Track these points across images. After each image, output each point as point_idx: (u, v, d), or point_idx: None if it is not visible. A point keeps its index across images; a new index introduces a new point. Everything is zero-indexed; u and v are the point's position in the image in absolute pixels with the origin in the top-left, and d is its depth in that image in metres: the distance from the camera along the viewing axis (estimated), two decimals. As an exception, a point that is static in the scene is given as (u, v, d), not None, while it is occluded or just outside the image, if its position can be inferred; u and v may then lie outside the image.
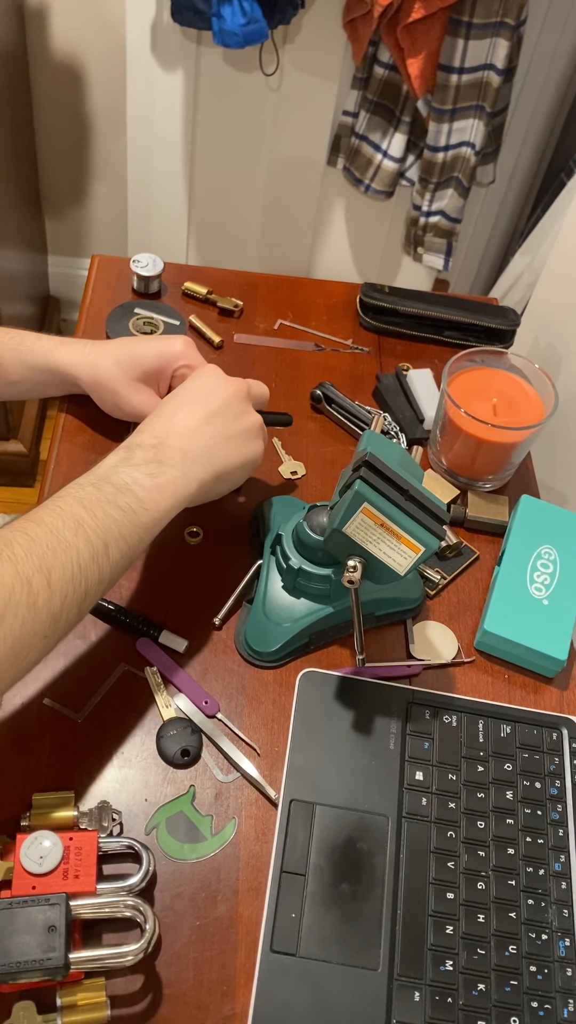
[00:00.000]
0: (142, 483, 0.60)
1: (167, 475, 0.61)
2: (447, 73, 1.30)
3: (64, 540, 0.54)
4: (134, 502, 0.59)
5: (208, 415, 0.66)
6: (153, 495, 0.60)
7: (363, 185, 1.49)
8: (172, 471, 0.62)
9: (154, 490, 0.60)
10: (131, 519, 0.58)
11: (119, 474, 0.60)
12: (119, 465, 0.61)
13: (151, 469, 0.61)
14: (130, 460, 0.61)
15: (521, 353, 0.85)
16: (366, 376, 0.92)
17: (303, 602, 0.69)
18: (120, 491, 0.59)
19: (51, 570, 0.53)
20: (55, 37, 1.56)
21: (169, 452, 0.62)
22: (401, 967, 0.56)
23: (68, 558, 0.54)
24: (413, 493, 0.61)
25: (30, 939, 0.50)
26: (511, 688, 0.71)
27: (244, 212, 1.63)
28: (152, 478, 0.60)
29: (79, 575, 0.54)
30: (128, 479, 0.60)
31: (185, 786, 0.62)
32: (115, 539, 0.57)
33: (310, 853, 0.59)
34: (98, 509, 0.57)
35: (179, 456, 0.63)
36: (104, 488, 0.58)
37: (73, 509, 0.56)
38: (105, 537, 0.56)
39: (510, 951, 0.57)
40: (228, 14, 1.19)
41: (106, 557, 0.56)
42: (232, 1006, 0.54)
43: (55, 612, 0.53)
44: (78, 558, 0.54)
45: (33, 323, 1.80)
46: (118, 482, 0.59)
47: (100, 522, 0.56)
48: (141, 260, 0.93)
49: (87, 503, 0.57)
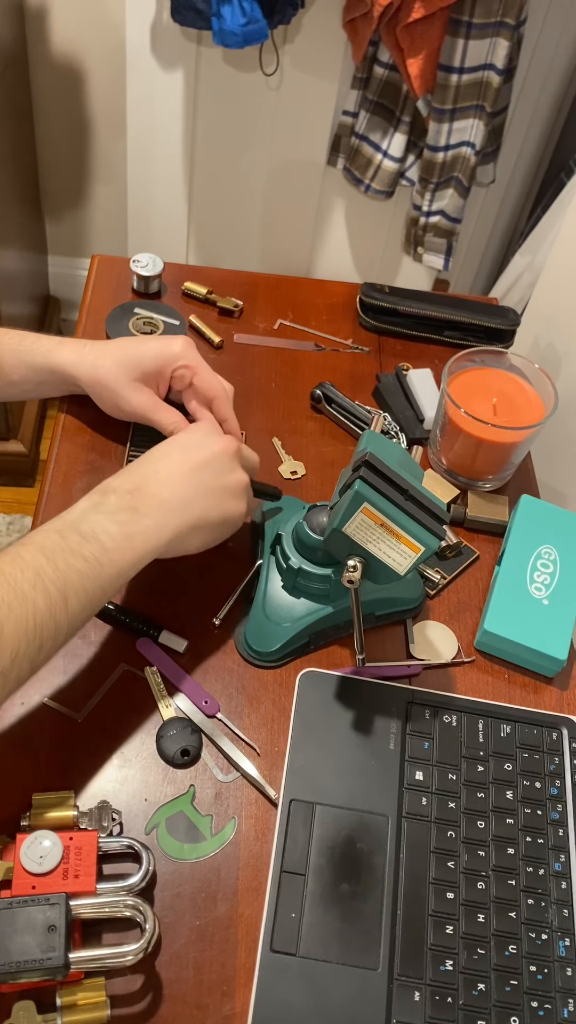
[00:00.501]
0: (110, 531, 0.58)
1: (138, 524, 0.60)
2: (447, 73, 1.30)
3: (21, 592, 0.52)
4: (99, 552, 0.57)
5: (193, 466, 0.65)
6: (120, 544, 0.58)
7: (363, 185, 1.49)
8: (144, 520, 0.60)
9: (122, 539, 0.58)
10: (95, 570, 0.56)
11: (88, 521, 0.58)
12: (89, 511, 0.59)
13: (122, 517, 0.59)
14: (102, 506, 0.60)
15: (521, 353, 0.85)
16: (366, 376, 0.92)
17: (303, 602, 0.69)
18: (86, 539, 0.57)
19: (3, 624, 0.51)
20: (55, 37, 1.56)
21: (144, 499, 0.61)
22: (401, 967, 0.56)
23: (24, 612, 0.52)
24: (413, 493, 0.61)
25: (30, 939, 0.50)
26: (511, 688, 0.71)
27: (244, 212, 1.63)
28: (121, 526, 0.59)
29: (34, 630, 0.52)
30: (96, 527, 0.58)
31: (185, 786, 0.62)
32: (75, 591, 0.55)
33: (310, 853, 0.59)
34: (60, 559, 0.55)
35: (154, 503, 0.61)
36: (70, 537, 0.56)
37: (34, 559, 0.54)
38: (64, 589, 0.54)
39: (510, 951, 0.57)
40: (228, 14, 1.19)
41: (64, 610, 0.54)
42: (232, 1006, 0.54)
43: (4, 668, 0.51)
44: (34, 612, 0.52)
45: (33, 323, 1.80)
46: (86, 530, 0.57)
47: (61, 573, 0.54)
48: (141, 260, 0.93)
49: (49, 552, 0.55)
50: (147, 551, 0.60)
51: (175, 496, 0.63)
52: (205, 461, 0.65)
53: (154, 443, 0.79)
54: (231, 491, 0.66)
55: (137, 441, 0.80)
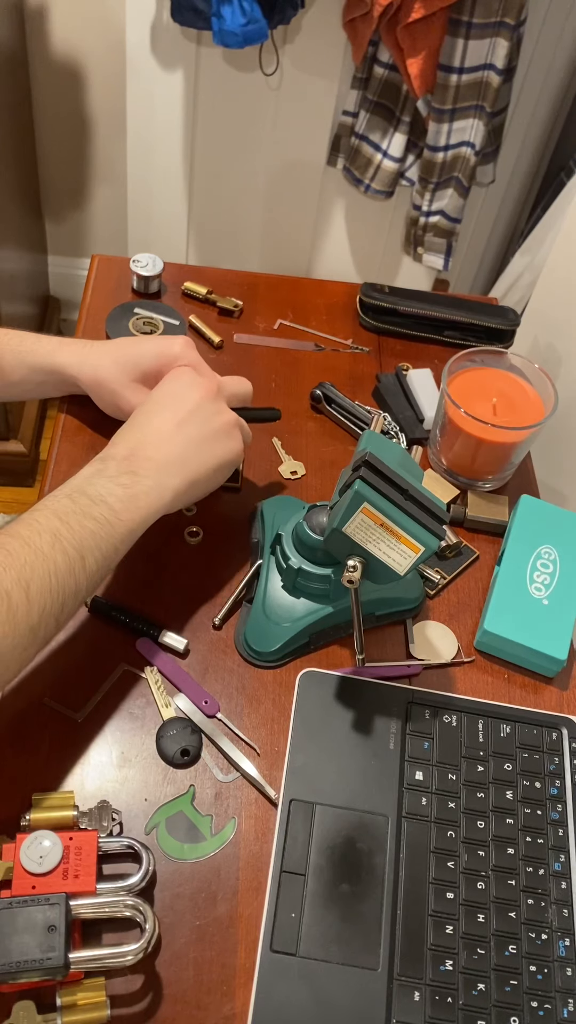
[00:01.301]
0: (116, 494, 0.60)
1: (140, 485, 0.61)
2: (447, 73, 1.30)
3: (41, 553, 0.54)
4: (108, 513, 0.59)
5: (179, 421, 0.66)
6: (127, 505, 0.60)
7: (363, 185, 1.49)
8: (145, 481, 0.62)
9: (127, 500, 0.60)
10: (106, 530, 0.58)
11: (93, 486, 0.60)
12: (93, 477, 0.61)
13: (124, 480, 0.61)
14: (104, 472, 0.61)
15: (521, 353, 0.85)
16: (366, 376, 0.92)
17: (303, 602, 0.69)
18: (95, 502, 0.59)
19: (29, 583, 0.53)
20: (55, 37, 1.56)
21: (141, 463, 0.63)
22: (401, 967, 0.56)
23: (46, 571, 0.54)
24: (413, 493, 0.61)
25: (30, 939, 0.50)
26: (511, 688, 0.71)
27: (244, 212, 1.63)
28: (125, 488, 0.61)
29: (56, 587, 0.55)
30: (102, 490, 0.60)
31: (185, 786, 0.62)
32: (91, 550, 0.57)
33: (310, 853, 0.59)
34: (73, 521, 0.57)
35: (151, 466, 0.63)
36: (79, 500, 0.59)
37: (49, 522, 0.56)
38: (81, 548, 0.56)
39: (510, 951, 0.57)
40: (228, 14, 1.19)
41: (82, 568, 0.56)
42: (232, 1006, 0.54)
43: (34, 624, 0.54)
44: (55, 570, 0.55)
45: (33, 323, 1.80)
46: (93, 494, 0.59)
47: (76, 533, 0.57)
48: (141, 260, 0.93)
49: (63, 515, 0.57)
50: (152, 510, 0.62)
51: (169, 457, 0.64)
52: (190, 413, 0.66)
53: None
54: (221, 435, 0.67)
55: (137, 441, 0.80)
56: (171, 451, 0.64)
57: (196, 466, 0.65)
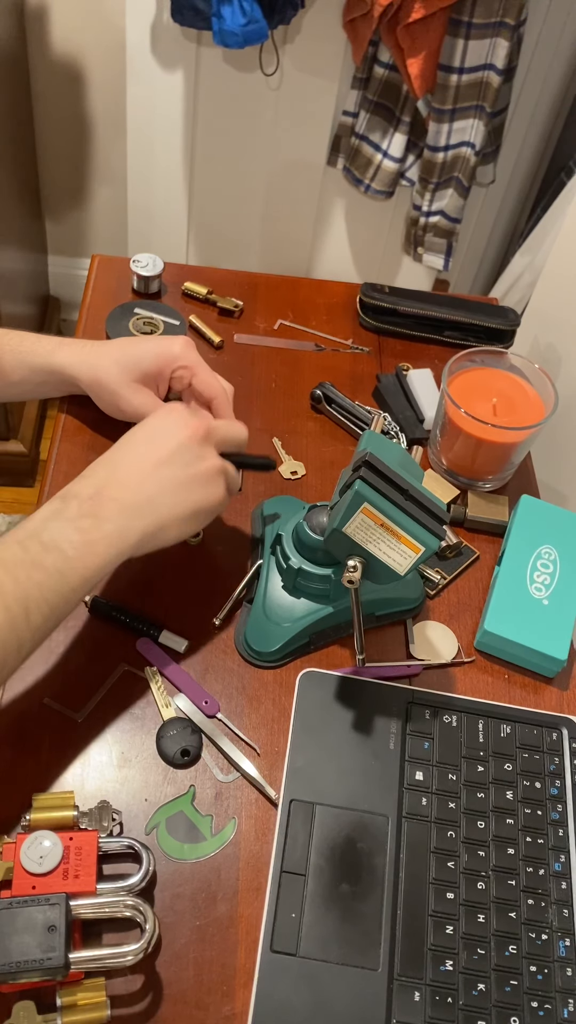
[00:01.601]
0: (72, 540, 0.56)
1: (100, 531, 0.57)
2: (447, 73, 1.30)
3: None
4: (61, 562, 0.55)
5: (157, 461, 0.62)
6: (82, 553, 0.56)
7: (363, 185, 1.49)
8: (106, 526, 0.58)
9: (84, 547, 0.56)
10: (56, 580, 0.55)
11: (49, 530, 0.56)
12: (51, 519, 0.57)
13: (84, 524, 0.57)
14: (63, 513, 0.58)
15: (521, 353, 0.85)
16: (366, 376, 0.92)
17: (303, 602, 0.69)
18: (47, 549, 0.55)
19: None
20: (55, 37, 1.56)
21: (105, 504, 0.59)
22: (401, 967, 0.56)
23: None
24: (413, 493, 0.61)
25: (30, 939, 0.50)
26: (511, 688, 0.71)
27: (244, 212, 1.63)
28: (83, 534, 0.57)
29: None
30: (57, 535, 0.56)
31: (185, 786, 0.62)
32: (37, 603, 0.54)
33: (310, 853, 0.59)
34: (21, 572, 0.54)
35: (116, 508, 0.59)
36: (31, 547, 0.55)
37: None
38: (26, 602, 0.53)
39: (510, 951, 0.57)
40: (228, 14, 1.19)
41: (26, 623, 0.53)
42: (232, 1006, 0.54)
43: None
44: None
45: (33, 323, 1.80)
46: (47, 539, 0.56)
47: (21, 586, 0.53)
48: (141, 260, 0.93)
49: (10, 566, 0.54)
50: (111, 557, 0.58)
51: (137, 498, 0.60)
52: (170, 453, 0.62)
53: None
54: (202, 480, 0.63)
55: (137, 441, 0.80)
56: (142, 492, 0.60)
57: (167, 511, 0.61)
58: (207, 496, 0.64)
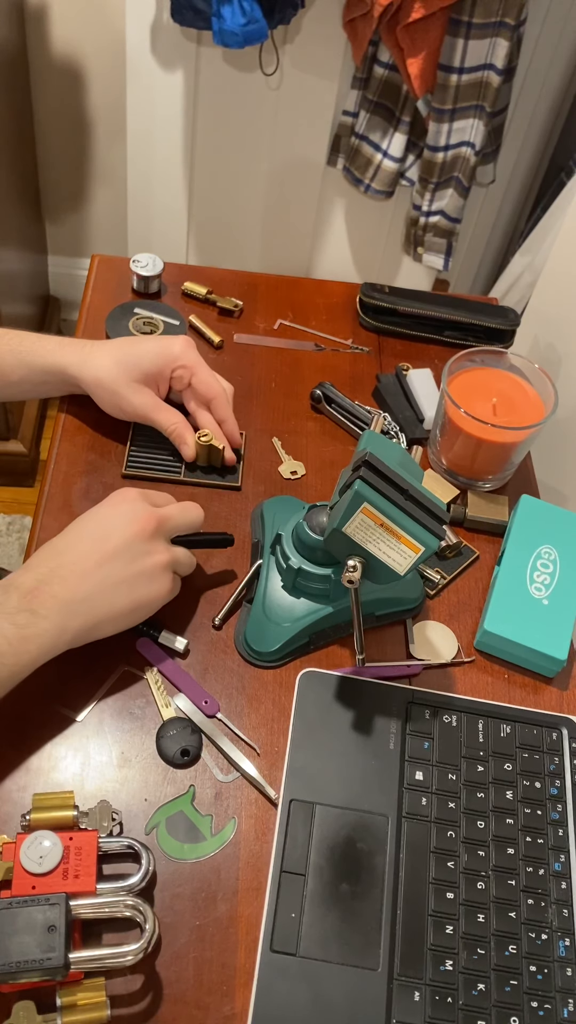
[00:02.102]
0: (6, 634, 0.57)
1: (35, 627, 0.58)
2: (447, 73, 1.30)
3: None
4: None
5: (101, 558, 0.61)
6: (16, 648, 0.57)
7: (363, 185, 1.49)
8: (42, 623, 0.58)
9: (18, 642, 0.57)
10: None
11: None
12: None
13: (20, 619, 0.57)
14: (3, 605, 0.58)
15: (521, 353, 0.85)
16: (366, 376, 0.92)
17: (303, 602, 0.69)
18: None
19: None
20: (55, 37, 1.56)
21: (44, 600, 0.58)
22: (401, 967, 0.56)
23: None
24: (413, 493, 0.61)
25: (30, 939, 0.50)
26: (511, 688, 0.71)
27: (244, 212, 1.63)
28: (18, 629, 0.57)
29: None
30: None
31: (185, 786, 0.62)
32: None
33: (310, 853, 0.59)
34: None
35: (54, 605, 0.59)
36: None
37: None
38: None
39: (510, 951, 0.57)
40: (228, 14, 1.19)
41: None
42: (232, 1006, 0.54)
43: None
44: None
45: (33, 323, 1.80)
46: None
47: None
48: (141, 260, 0.93)
49: None
50: (43, 653, 0.58)
51: (77, 595, 0.60)
52: (116, 550, 0.62)
53: (154, 443, 0.79)
54: (145, 577, 0.63)
55: (137, 441, 0.80)
56: (81, 589, 0.60)
57: (106, 608, 0.61)
58: (149, 592, 0.63)
